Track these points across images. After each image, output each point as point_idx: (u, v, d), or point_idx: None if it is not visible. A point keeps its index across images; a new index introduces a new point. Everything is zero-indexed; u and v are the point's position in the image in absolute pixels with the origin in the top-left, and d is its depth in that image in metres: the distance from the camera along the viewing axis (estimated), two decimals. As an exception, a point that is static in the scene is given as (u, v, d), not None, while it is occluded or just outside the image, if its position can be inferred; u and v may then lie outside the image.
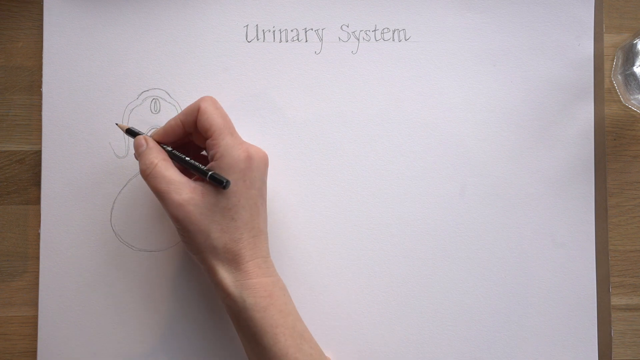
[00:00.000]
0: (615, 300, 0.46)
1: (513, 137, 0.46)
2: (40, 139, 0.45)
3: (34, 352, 0.45)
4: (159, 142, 0.41)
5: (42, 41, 0.46)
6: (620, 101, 0.47)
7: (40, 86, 0.46)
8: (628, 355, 0.46)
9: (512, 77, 0.46)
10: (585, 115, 0.46)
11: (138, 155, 0.40)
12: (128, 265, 0.45)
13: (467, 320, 0.45)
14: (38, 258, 0.45)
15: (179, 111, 0.45)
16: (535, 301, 0.46)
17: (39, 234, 0.45)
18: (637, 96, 0.45)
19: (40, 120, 0.45)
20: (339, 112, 0.46)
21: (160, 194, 0.39)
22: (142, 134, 0.42)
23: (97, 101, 0.45)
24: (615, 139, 0.47)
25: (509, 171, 0.46)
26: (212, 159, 0.39)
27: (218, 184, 0.38)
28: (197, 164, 0.40)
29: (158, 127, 0.45)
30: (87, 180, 0.45)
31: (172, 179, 0.39)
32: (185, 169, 0.41)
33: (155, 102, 0.46)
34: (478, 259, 0.46)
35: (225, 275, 0.39)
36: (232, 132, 0.40)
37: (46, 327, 0.45)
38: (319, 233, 0.45)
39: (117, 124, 0.44)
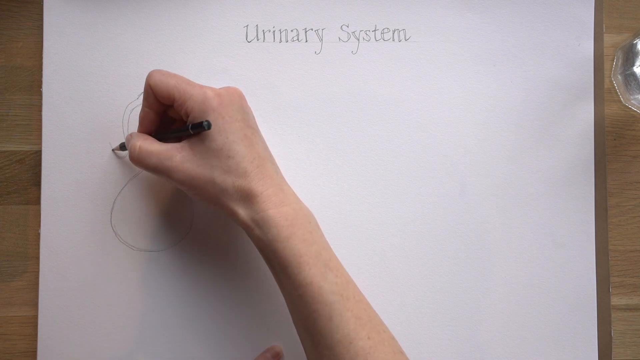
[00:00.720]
0: (615, 300, 0.46)
1: (513, 137, 0.46)
2: (40, 139, 0.45)
3: (34, 352, 0.45)
4: None
5: (42, 41, 0.45)
6: (620, 101, 0.47)
7: (40, 86, 0.46)
8: (628, 355, 0.46)
9: (512, 77, 0.46)
10: (585, 115, 0.46)
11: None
12: (128, 265, 0.45)
13: (467, 320, 0.45)
14: (38, 258, 0.45)
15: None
16: (535, 301, 0.46)
17: (39, 234, 0.45)
18: (637, 96, 0.45)
19: (40, 120, 0.45)
20: (339, 112, 0.46)
21: (154, 168, 0.39)
22: None
23: (97, 101, 0.45)
24: (615, 139, 0.47)
25: (509, 171, 0.46)
26: (187, 117, 0.39)
27: (201, 128, 0.37)
28: (177, 129, 0.40)
29: (158, 127, 0.46)
30: (87, 180, 0.45)
31: (159, 150, 0.39)
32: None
33: (155, 102, 0.45)
34: (478, 259, 0.46)
35: (244, 212, 0.38)
36: (190, 83, 0.39)
37: (46, 327, 0.45)
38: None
39: (113, 150, 0.45)
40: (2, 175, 0.46)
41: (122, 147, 0.44)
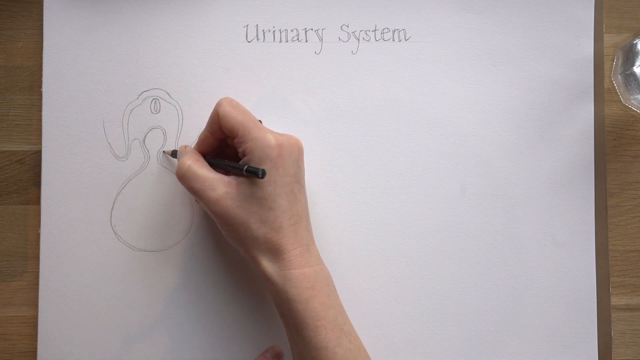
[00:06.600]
0: (615, 300, 0.46)
1: (513, 137, 0.46)
2: (40, 139, 0.45)
3: (34, 352, 0.45)
4: None
5: (42, 41, 0.46)
6: (620, 101, 0.47)
7: (40, 86, 0.46)
8: (628, 355, 0.46)
9: (512, 77, 0.46)
10: (585, 115, 0.46)
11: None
12: (128, 265, 0.45)
13: (467, 320, 0.45)
14: (38, 258, 0.45)
15: (179, 111, 0.45)
16: (535, 301, 0.46)
17: (39, 234, 0.45)
18: (637, 96, 0.45)
19: (40, 120, 0.45)
20: (338, 112, 0.46)
21: (196, 193, 0.39)
22: None
23: (97, 101, 0.45)
24: (615, 139, 0.47)
25: (509, 171, 0.46)
26: (243, 156, 0.39)
27: (254, 175, 0.38)
28: (233, 163, 0.40)
29: (158, 127, 0.46)
30: (87, 180, 0.45)
31: (206, 176, 0.39)
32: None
33: (155, 102, 0.46)
34: (478, 259, 0.46)
35: (268, 265, 0.39)
36: (257, 124, 0.40)
37: (46, 327, 0.45)
38: (318, 233, 0.45)
39: (164, 152, 0.45)
40: (2, 175, 0.46)
41: (174, 154, 0.44)
